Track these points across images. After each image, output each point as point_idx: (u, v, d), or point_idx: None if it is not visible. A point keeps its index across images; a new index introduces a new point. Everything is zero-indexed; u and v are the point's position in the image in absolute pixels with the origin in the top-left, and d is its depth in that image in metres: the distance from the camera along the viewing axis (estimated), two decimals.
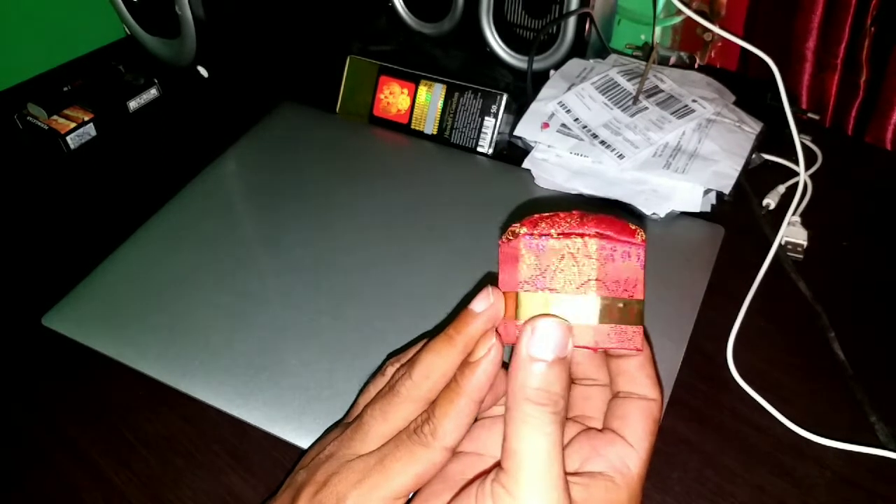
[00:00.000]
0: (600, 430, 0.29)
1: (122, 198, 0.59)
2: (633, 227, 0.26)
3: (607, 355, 0.30)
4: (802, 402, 0.42)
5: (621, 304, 0.25)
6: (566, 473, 0.25)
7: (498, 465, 0.26)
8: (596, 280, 0.25)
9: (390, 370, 0.32)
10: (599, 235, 0.25)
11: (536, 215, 0.26)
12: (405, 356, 0.32)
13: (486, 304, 0.27)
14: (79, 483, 0.40)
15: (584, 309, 0.25)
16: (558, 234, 0.25)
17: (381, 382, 0.32)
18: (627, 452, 0.28)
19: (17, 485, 0.40)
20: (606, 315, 0.25)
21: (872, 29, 0.59)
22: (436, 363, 0.28)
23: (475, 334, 0.28)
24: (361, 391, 0.33)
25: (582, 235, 0.25)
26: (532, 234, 0.25)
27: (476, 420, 0.32)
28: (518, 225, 0.26)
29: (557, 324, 0.25)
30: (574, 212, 0.26)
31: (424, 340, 0.30)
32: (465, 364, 0.28)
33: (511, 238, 0.26)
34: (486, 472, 0.27)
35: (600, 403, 0.30)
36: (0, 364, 0.46)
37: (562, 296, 0.25)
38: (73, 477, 0.40)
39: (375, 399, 0.30)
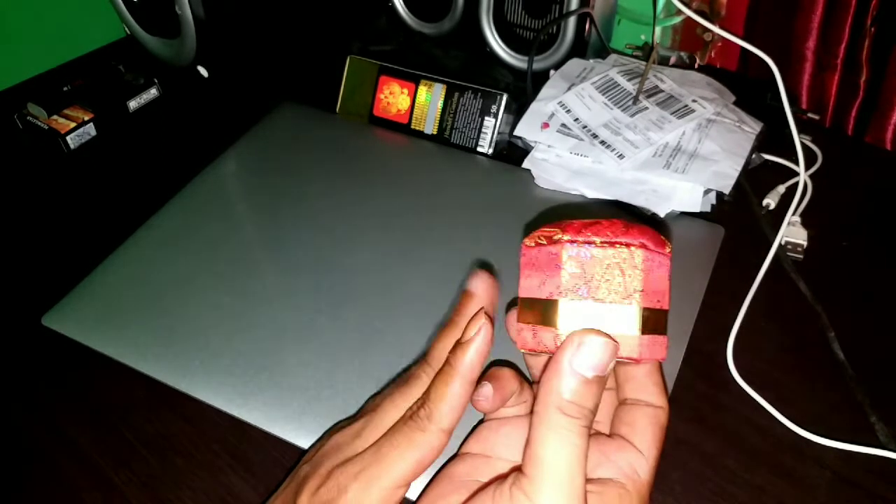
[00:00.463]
0: (609, 436, 0.29)
1: (122, 198, 0.59)
2: (663, 239, 0.26)
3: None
4: (802, 403, 0.42)
5: (655, 315, 0.25)
6: None
7: (517, 469, 0.25)
8: (641, 291, 0.24)
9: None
10: (643, 246, 0.25)
11: (577, 221, 0.25)
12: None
13: (480, 282, 0.29)
14: (78, 483, 0.40)
15: (627, 319, 0.24)
16: (602, 243, 0.24)
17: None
18: (637, 459, 0.28)
19: (16, 485, 0.40)
20: (645, 326, 0.25)
21: (872, 29, 0.59)
22: (448, 347, 0.29)
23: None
24: (378, 393, 0.33)
25: (627, 245, 0.24)
26: (575, 242, 0.24)
27: (482, 422, 0.32)
28: (556, 230, 0.25)
29: (605, 344, 0.24)
30: (616, 220, 0.25)
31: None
32: (457, 345, 0.28)
33: (544, 243, 0.25)
34: (503, 476, 0.26)
35: (607, 407, 0.30)
36: (0, 364, 0.46)
37: (605, 306, 0.24)
38: (72, 477, 0.40)
39: (392, 390, 0.30)
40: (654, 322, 0.25)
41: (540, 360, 0.31)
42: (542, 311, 0.25)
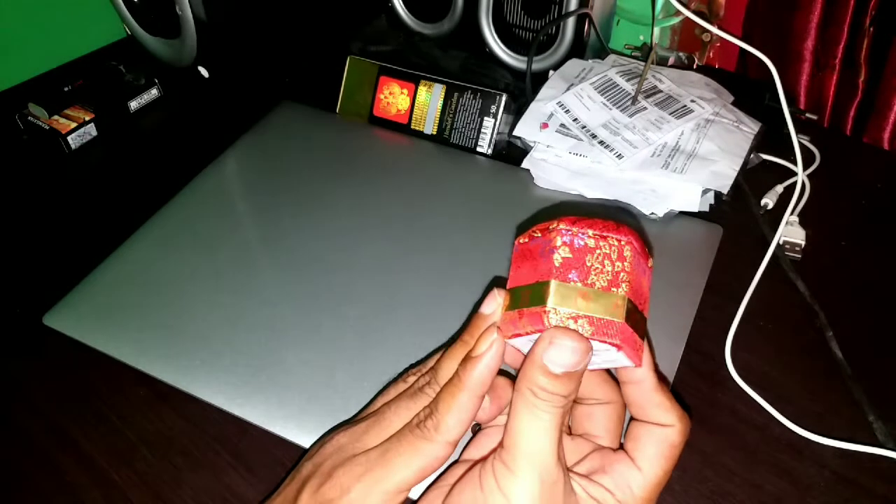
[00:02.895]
0: (614, 450, 0.30)
1: (123, 197, 0.59)
2: (647, 251, 0.27)
3: (618, 382, 0.30)
4: (801, 402, 0.42)
5: (637, 315, 0.26)
6: (567, 467, 0.26)
7: (500, 444, 0.26)
8: (628, 283, 0.26)
9: (411, 378, 0.32)
10: (631, 243, 0.26)
11: (573, 216, 0.26)
12: (425, 366, 0.32)
13: (494, 305, 0.28)
14: (79, 482, 0.40)
15: (613, 306, 0.25)
16: (594, 235, 0.26)
17: (402, 387, 0.32)
18: (633, 474, 0.28)
19: (17, 484, 0.40)
20: (629, 317, 0.25)
21: (871, 29, 0.59)
22: (455, 365, 0.29)
23: None
24: (380, 393, 0.34)
25: (618, 240, 0.26)
26: (570, 231, 0.26)
27: (480, 429, 0.32)
28: (554, 222, 0.26)
29: (574, 348, 0.25)
30: (609, 220, 0.26)
31: (442, 351, 0.31)
32: (468, 359, 0.28)
33: (539, 235, 0.27)
34: (486, 456, 0.27)
35: (604, 421, 0.31)
36: (0, 363, 0.46)
37: (594, 291, 0.25)
38: (73, 476, 0.40)
39: (400, 398, 0.31)
40: (635, 320, 0.26)
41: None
42: (531, 294, 0.26)
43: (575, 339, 0.25)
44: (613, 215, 0.52)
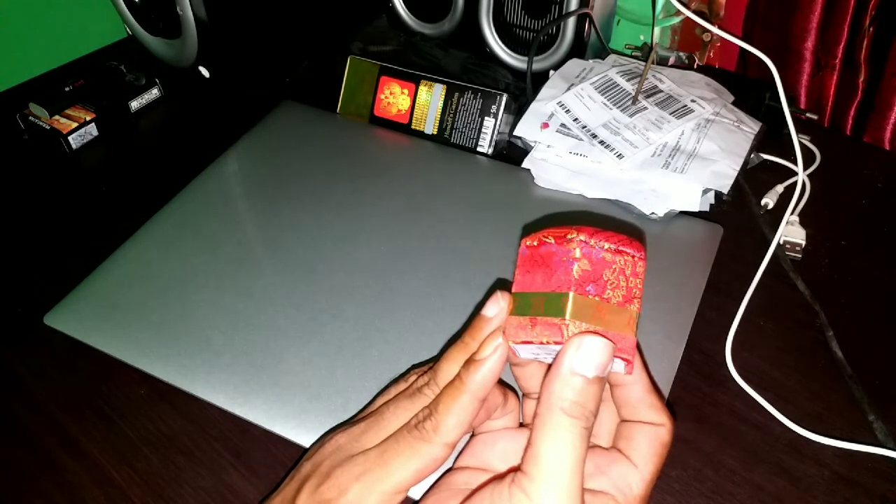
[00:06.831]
0: (606, 449, 0.30)
1: (124, 197, 0.59)
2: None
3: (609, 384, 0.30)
4: (801, 401, 0.42)
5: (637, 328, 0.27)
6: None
7: (516, 469, 0.26)
8: (639, 299, 0.26)
9: (413, 377, 0.32)
10: (643, 259, 0.27)
11: (590, 227, 0.27)
12: (428, 367, 0.32)
13: (497, 308, 0.28)
14: (80, 482, 0.40)
15: (627, 321, 0.26)
16: (609, 249, 0.26)
17: (403, 386, 0.32)
18: (631, 472, 0.28)
19: (18, 484, 0.40)
20: (636, 331, 0.26)
21: (871, 29, 0.59)
22: (455, 370, 0.29)
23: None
24: (381, 392, 0.34)
25: (632, 256, 0.26)
26: (589, 243, 0.26)
27: (473, 436, 0.32)
28: (569, 230, 0.27)
29: (605, 345, 0.25)
30: (621, 234, 0.27)
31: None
32: (471, 361, 0.28)
33: (552, 241, 0.27)
34: (501, 476, 0.27)
35: (603, 421, 0.31)
36: (1, 363, 0.46)
37: (610, 306, 0.26)
38: (74, 475, 0.40)
39: (398, 398, 0.31)
40: (637, 333, 0.27)
41: (527, 370, 0.31)
42: (545, 303, 0.26)
43: (601, 337, 0.25)
44: (616, 225, 0.52)
